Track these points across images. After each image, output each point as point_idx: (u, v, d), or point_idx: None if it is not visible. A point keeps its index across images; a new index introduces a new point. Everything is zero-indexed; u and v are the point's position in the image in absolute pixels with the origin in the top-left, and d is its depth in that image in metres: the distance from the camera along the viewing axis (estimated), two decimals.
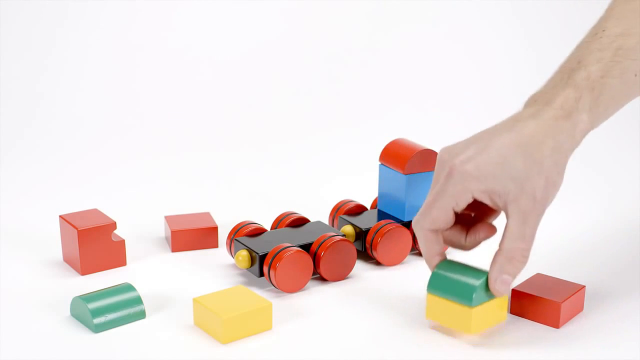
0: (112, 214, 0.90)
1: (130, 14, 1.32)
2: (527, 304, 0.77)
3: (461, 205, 0.70)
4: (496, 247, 0.72)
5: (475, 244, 0.75)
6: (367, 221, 0.90)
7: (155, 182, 1.11)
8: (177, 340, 0.73)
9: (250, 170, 1.16)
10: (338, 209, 0.93)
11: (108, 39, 1.30)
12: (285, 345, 0.73)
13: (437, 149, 0.89)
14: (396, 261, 0.88)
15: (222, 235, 0.93)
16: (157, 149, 1.20)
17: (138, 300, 0.76)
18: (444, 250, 0.75)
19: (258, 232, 0.87)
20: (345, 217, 0.91)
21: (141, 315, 0.76)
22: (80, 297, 0.75)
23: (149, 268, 0.87)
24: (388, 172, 0.90)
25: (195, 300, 0.74)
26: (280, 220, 0.90)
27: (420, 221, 0.72)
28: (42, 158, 1.15)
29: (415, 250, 0.91)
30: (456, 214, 0.72)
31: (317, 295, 0.82)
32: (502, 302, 0.74)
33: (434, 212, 0.71)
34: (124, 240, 0.87)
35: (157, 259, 0.89)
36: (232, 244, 0.86)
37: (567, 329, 0.76)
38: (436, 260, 0.74)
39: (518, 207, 0.69)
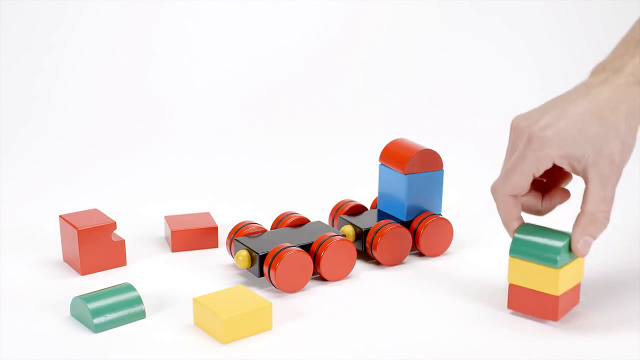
0: (112, 214, 0.90)
1: (127, 10, 1.32)
2: (524, 297, 0.77)
3: (541, 170, 0.73)
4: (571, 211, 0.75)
5: (551, 208, 0.78)
6: (367, 221, 0.90)
7: (156, 182, 1.11)
8: (177, 340, 0.73)
9: (250, 171, 1.16)
10: (338, 209, 0.93)
11: (105, 37, 1.30)
12: (285, 345, 0.73)
13: (437, 149, 0.89)
14: (396, 261, 0.88)
15: (222, 235, 0.93)
16: (157, 149, 1.20)
17: (138, 300, 0.76)
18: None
19: (258, 232, 0.87)
20: (345, 217, 0.91)
21: (141, 315, 0.76)
22: (80, 297, 0.75)
23: (149, 268, 0.87)
24: (388, 172, 0.90)
25: (195, 300, 0.74)
26: (280, 220, 0.89)
27: (500, 187, 0.75)
28: (42, 158, 1.15)
29: (415, 250, 0.91)
30: (533, 180, 0.75)
31: (317, 295, 0.82)
32: (580, 262, 0.76)
33: (514, 178, 0.73)
34: (124, 240, 0.87)
35: (157, 259, 0.89)
36: (232, 244, 0.86)
37: (565, 323, 0.76)
38: (515, 224, 0.76)
39: (597, 171, 0.72)
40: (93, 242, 0.84)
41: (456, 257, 0.90)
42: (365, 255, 0.89)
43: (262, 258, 0.81)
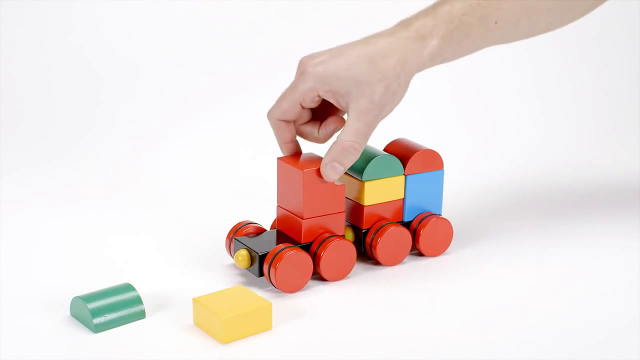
0: (112, 213, 0.90)
1: (123, 13, 1.32)
2: (350, 209, 0.87)
3: (307, 101, 0.80)
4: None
5: (328, 135, 0.85)
6: None
7: (155, 181, 1.11)
8: (177, 340, 0.73)
9: (251, 170, 1.16)
10: None
11: (105, 39, 1.30)
12: (285, 345, 0.72)
13: (437, 149, 0.89)
14: (396, 261, 0.88)
15: (222, 236, 0.92)
16: (157, 149, 1.19)
17: (138, 300, 0.76)
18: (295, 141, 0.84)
19: (257, 231, 0.86)
20: None
21: (141, 315, 0.76)
22: (80, 297, 0.75)
23: (149, 268, 0.87)
24: None
25: (195, 300, 0.74)
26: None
27: (272, 112, 0.82)
28: (41, 160, 1.14)
29: (415, 250, 0.91)
30: (308, 109, 0.83)
31: (317, 295, 0.82)
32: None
33: (283, 105, 0.81)
34: (344, 185, 0.84)
35: (157, 259, 0.89)
36: (232, 243, 0.86)
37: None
38: (288, 147, 0.84)
39: (356, 106, 0.79)
40: (317, 184, 0.82)
41: (456, 257, 0.90)
42: (365, 255, 0.89)
43: (262, 258, 0.81)
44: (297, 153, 0.85)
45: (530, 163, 1.22)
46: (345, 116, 0.83)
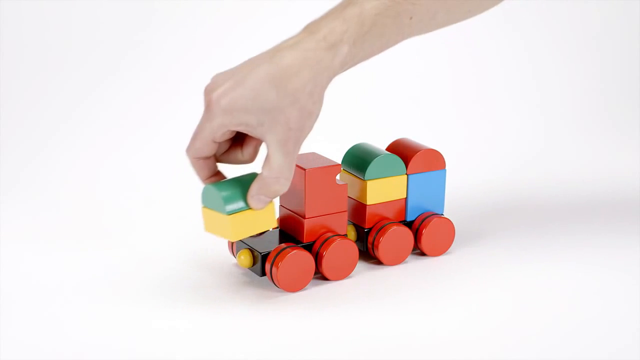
0: (112, 213, 0.90)
1: (122, 13, 1.32)
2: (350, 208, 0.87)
3: (219, 137, 0.74)
4: None
5: (252, 154, 0.78)
6: None
7: (155, 181, 1.11)
8: (177, 340, 0.73)
9: (254, 170, 1.16)
10: None
11: (110, 37, 1.30)
12: (285, 345, 0.73)
13: (439, 149, 0.89)
14: (398, 260, 0.88)
15: None
16: (157, 148, 1.20)
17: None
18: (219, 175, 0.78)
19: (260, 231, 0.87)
20: None
21: None
22: (212, 185, 0.76)
23: (150, 268, 0.87)
24: None
25: (203, 208, 0.77)
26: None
27: (188, 150, 0.76)
28: (41, 164, 1.15)
29: (417, 250, 0.91)
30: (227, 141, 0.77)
31: (319, 294, 0.82)
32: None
33: (196, 144, 0.75)
34: (346, 185, 0.84)
35: (156, 258, 0.89)
36: (234, 243, 0.86)
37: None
38: (211, 181, 0.78)
39: (273, 138, 0.73)
40: (319, 184, 0.81)
41: (458, 257, 0.90)
42: (367, 254, 0.89)
43: (264, 257, 0.81)
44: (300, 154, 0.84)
45: (533, 162, 1.22)
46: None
